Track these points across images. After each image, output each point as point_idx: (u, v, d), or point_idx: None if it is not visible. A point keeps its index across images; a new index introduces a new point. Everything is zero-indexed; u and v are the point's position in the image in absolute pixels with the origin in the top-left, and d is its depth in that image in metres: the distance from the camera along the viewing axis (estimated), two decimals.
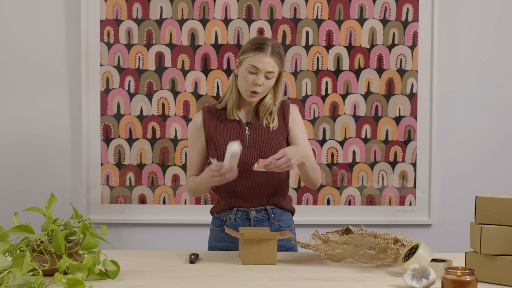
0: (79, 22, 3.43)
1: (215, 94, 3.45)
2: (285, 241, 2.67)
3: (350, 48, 3.46)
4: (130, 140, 3.47)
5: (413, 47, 3.46)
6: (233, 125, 2.65)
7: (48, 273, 2.05)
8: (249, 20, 3.44)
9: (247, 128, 2.64)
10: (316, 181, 2.65)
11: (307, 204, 3.47)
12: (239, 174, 2.56)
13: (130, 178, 3.47)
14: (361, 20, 3.45)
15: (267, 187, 2.64)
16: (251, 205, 2.65)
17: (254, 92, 2.56)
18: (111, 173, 3.46)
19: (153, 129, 3.46)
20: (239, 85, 2.60)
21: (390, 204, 3.49)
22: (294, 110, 2.70)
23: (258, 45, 2.55)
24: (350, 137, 3.48)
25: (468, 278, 1.85)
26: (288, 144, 2.68)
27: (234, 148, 2.39)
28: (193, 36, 3.45)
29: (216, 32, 3.44)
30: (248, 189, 2.63)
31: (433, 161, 3.46)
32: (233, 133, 2.63)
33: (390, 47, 3.46)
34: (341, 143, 3.48)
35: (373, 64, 3.46)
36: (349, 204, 3.49)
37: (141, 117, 3.46)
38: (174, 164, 3.47)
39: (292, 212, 2.76)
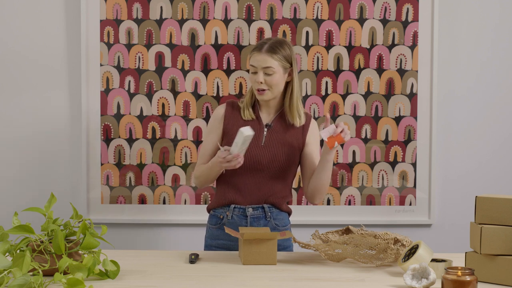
0: (79, 22, 3.43)
1: (215, 94, 3.45)
2: (281, 239, 2.68)
3: (350, 48, 3.46)
4: (130, 140, 3.47)
5: (413, 47, 3.46)
6: (252, 123, 2.69)
7: (48, 273, 2.05)
8: (249, 20, 3.44)
9: (265, 129, 2.67)
10: (326, 184, 2.66)
11: (307, 204, 3.47)
12: (245, 171, 2.61)
13: (130, 178, 3.47)
14: (361, 20, 3.45)
15: (269, 188, 2.66)
16: (248, 202, 2.67)
17: (259, 90, 2.63)
18: (111, 173, 3.46)
19: (153, 129, 3.46)
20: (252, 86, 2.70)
21: (390, 204, 3.49)
22: (314, 125, 2.77)
23: (257, 45, 2.66)
24: (350, 137, 3.47)
25: (468, 278, 1.85)
26: (300, 157, 2.72)
27: (247, 131, 2.45)
28: (193, 36, 3.45)
29: (216, 32, 3.44)
30: (250, 186, 2.65)
31: (433, 161, 3.46)
32: None
33: (390, 47, 3.46)
34: (341, 143, 3.47)
35: (373, 64, 3.46)
36: (349, 204, 3.49)
37: (141, 117, 3.46)
38: (174, 164, 3.47)
39: (289, 213, 2.78)
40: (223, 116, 2.72)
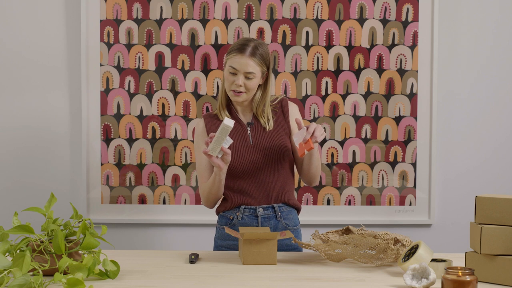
0: (79, 22, 3.43)
1: (215, 94, 3.46)
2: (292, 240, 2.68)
3: (350, 48, 3.46)
4: (130, 140, 3.47)
5: (413, 47, 3.46)
6: (234, 126, 2.66)
7: (48, 273, 2.05)
8: (249, 20, 3.44)
9: (248, 128, 2.66)
10: (317, 174, 2.68)
11: (307, 204, 3.47)
12: (244, 174, 2.61)
13: (130, 178, 3.47)
14: (361, 20, 3.45)
15: (274, 184, 2.66)
16: (258, 202, 2.66)
17: (235, 92, 2.60)
18: (111, 173, 3.46)
19: (153, 129, 3.47)
20: (225, 85, 2.65)
21: (390, 204, 3.49)
22: (292, 107, 2.75)
23: (239, 46, 2.59)
24: (350, 137, 3.48)
25: (468, 278, 1.85)
26: (290, 141, 2.70)
27: (228, 121, 2.40)
28: (193, 36, 3.45)
29: (216, 32, 3.44)
30: (255, 186, 2.64)
31: (433, 161, 3.46)
32: (235, 134, 2.65)
33: (390, 47, 3.46)
34: (341, 143, 3.48)
35: (373, 64, 3.46)
36: (349, 204, 3.49)
37: (141, 117, 3.46)
38: (174, 164, 3.47)
39: (298, 209, 2.76)
40: (204, 129, 2.70)
